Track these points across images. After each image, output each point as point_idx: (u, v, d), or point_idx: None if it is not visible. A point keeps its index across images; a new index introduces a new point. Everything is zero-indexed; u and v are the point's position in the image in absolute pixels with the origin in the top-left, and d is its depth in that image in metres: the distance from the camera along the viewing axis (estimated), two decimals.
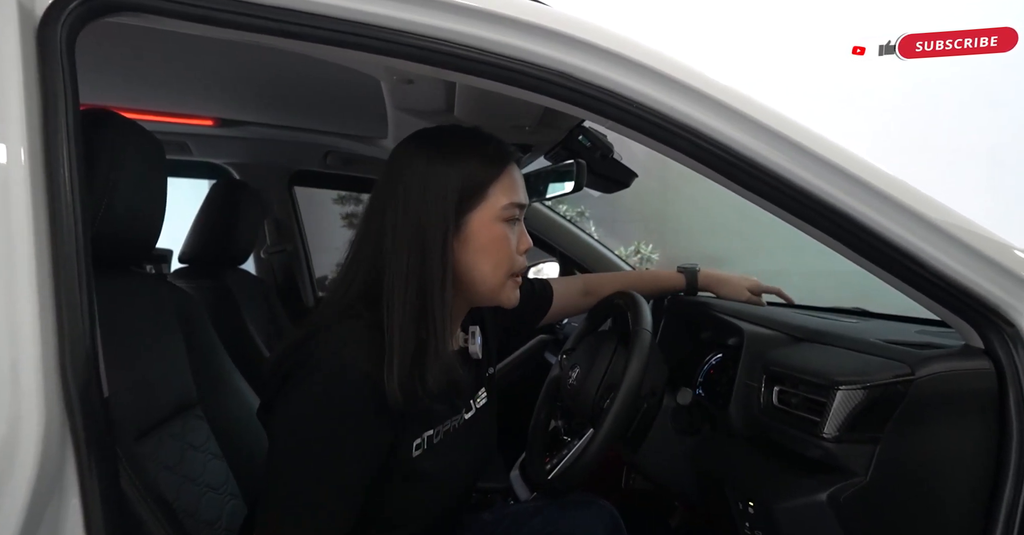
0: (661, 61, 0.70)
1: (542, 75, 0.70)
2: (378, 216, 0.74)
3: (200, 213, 1.56)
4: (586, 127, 1.19)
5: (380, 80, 1.02)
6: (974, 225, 0.66)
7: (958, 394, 0.65)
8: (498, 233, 0.75)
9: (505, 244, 0.76)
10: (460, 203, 0.73)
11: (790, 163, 0.69)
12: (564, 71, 0.71)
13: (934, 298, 0.68)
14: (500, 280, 0.77)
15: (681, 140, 0.71)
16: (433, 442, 0.75)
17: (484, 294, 0.78)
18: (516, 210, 0.77)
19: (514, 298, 0.80)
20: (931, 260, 0.66)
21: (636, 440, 0.93)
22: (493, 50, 0.69)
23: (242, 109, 1.53)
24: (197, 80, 1.31)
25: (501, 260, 0.76)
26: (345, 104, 1.39)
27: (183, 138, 1.65)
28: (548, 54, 0.70)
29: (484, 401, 0.88)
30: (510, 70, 0.70)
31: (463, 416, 0.81)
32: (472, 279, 0.76)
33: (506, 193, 0.76)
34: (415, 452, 0.72)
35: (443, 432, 0.77)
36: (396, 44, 0.68)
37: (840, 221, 0.69)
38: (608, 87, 0.71)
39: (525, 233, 0.80)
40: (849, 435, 0.67)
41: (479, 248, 0.74)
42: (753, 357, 0.86)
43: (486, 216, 0.74)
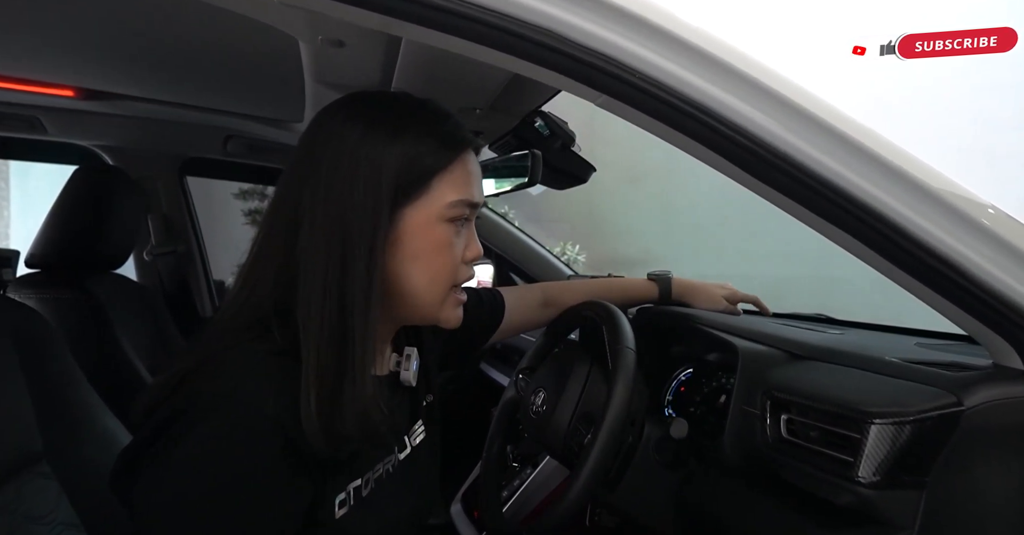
0: (674, 23, 0.56)
1: (518, 30, 0.55)
2: (291, 204, 0.59)
3: (56, 206, 1.25)
4: (546, 112, 1.05)
5: (300, 42, 0.81)
6: (1019, 223, 0.58)
7: (1012, 427, 0.56)
8: (440, 236, 0.62)
9: (447, 251, 0.62)
10: (396, 194, 0.59)
11: (821, 154, 0.57)
12: (549, 28, 0.55)
13: (969, 310, 0.59)
14: (439, 295, 0.64)
15: (693, 121, 0.57)
16: (361, 495, 0.60)
17: (418, 311, 0.65)
18: (466, 210, 0.63)
19: (454, 318, 0.66)
20: (975, 269, 0.57)
21: (616, 479, 0.79)
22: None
23: (115, 78, 1.22)
24: (48, 35, 1.01)
25: (441, 270, 0.62)
26: (253, 77, 1.15)
27: (32, 111, 1.30)
28: (529, 4, 0.54)
29: (422, 436, 0.73)
30: (477, 21, 0.54)
31: (396, 457, 0.67)
32: (404, 291, 0.62)
33: (456, 188, 0.62)
34: (339, 511, 0.57)
35: (373, 480, 0.62)
36: None
37: (870, 220, 0.58)
38: (605, 51, 0.56)
39: (475, 239, 0.66)
40: (890, 479, 0.57)
41: (414, 253, 0.61)
42: (751, 379, 0.75)
43: (427, 214, 0.61)
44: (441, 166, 0.61)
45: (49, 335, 0.84)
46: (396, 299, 0.62)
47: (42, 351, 0.82)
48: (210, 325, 0.60)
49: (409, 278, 0.61)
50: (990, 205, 0.59)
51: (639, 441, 0.80)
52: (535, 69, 0.58)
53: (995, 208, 0.58)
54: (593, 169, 1.15)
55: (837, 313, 1.16)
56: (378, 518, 0.61)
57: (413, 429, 0.72)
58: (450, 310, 0.66)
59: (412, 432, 0.72)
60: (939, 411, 0.56)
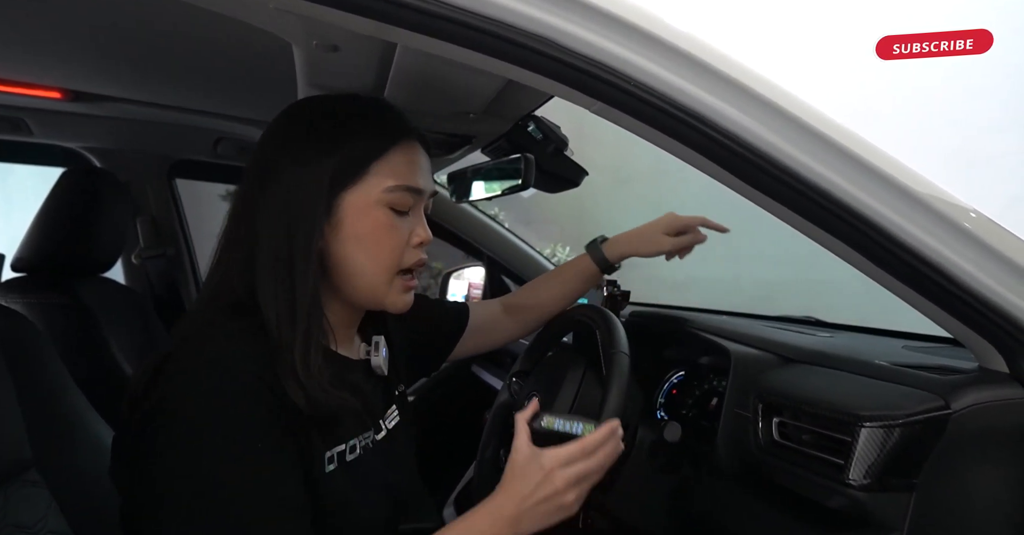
0: (668, 31, 0.57)
1: (513, 37, 0.55)
2: (249, 198, 0.65)
3: (43, 208, 1.23)
4: (539, 117, 1.05)
5: (294, 45, 0.81)
6: (1005, 230, 0.59)
7: (997, 429, 0.57)
8: (379, 220, 0.65)
9: (389, 234, 0.66)
10: (335, 181, 0.64)
11: (814, 161, 0.58)
12: (543, 34, 0.56)
13: (955, 314, 0.61)
14: (382, 278, 0.67)
15: (688, 128, 0.58)
16: (346, 459, 0.65)
17: (365, 293, 0.68)
18: (406, 195, 0.66)
19: (401, 302, 0.70)
20: (959, 273, 0.58)
21: (609, 483, 0.80)
22: (454, 2, 0.53)
23: (103, 80, 1.21)
24: (37, 36, 1.00)
25: (383, 253, 0.66)
26: (245, 80, 1.14)
27: (17, 113, 1.28)
28: (524, 11, 0.54)
29: (396, 421, 0.77)
30: (473, 28, 0.54)
31: (374, 436, 0.71)
32: (349, 273, 0.66)
33: (394, 175, 0.66)
34: (328, 466, 0.62)
35: (358, 448, 0.67)
36: None
37: (859, 225, 0.59)
38: (599, 59, 0.57)
39: (422, 224, 0.70)
40: (880, 482, 0.57)
41: (354, 237, 0.65)
42: (743, 383, 0.76)
43: (366, 199, 0.65)
44: (378, 154, 0.65)
45: (37, 340, 0.83)
46: (344, 281, 0.66)
47: (30, 357, 0.81)
48: (187, 313, 0.65)
49: (353, 260, 0.65)
50: (972, 209, 0.60)
51: (632, 445, 0.81)
52: (531, 76, 0.59)
53: (977, 212, 0.60)
54: (585, 173, 1.15)
55: (826, 314, 1.17)
56: (363, 484, 0.65)
57: (388, 413, 0.76)
58: (397, 294, 0.69)
59: (387, 416, 0.76)
60: (927, 414, 0.57)
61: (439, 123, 1.03)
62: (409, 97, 0.89)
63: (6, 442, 0.73)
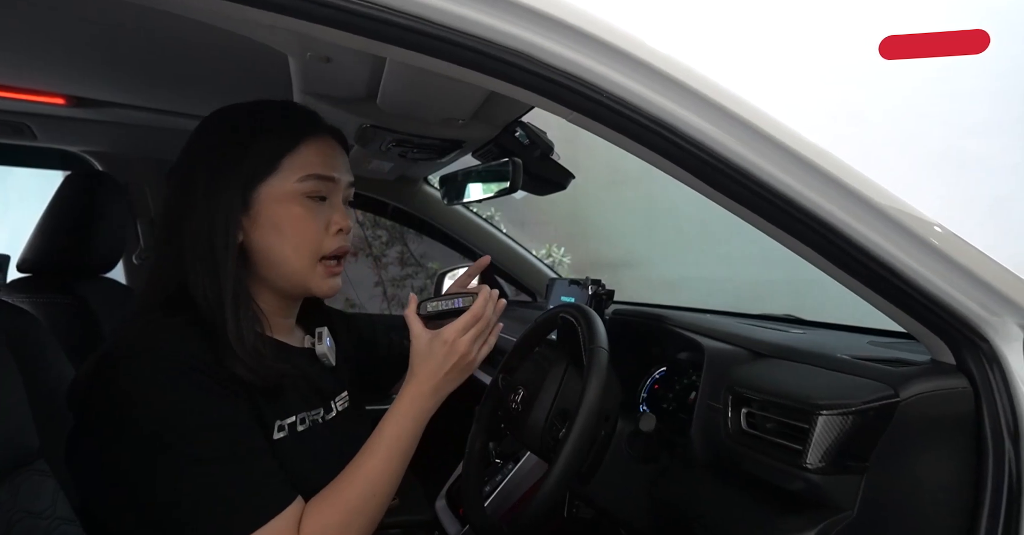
0: (637, 45, 0.61)
1: (494, 53, 0.59)
2: (177, 199, 0.70)
3: (48, 211, 1.26)
4: (525, 123, 1.09)
5: (289, 56, 0.85)
6: (954, 236, 0.63)
7: (941, 416, 0.61)
8: (294, 210, 0.70)
9: (305, 222, 0.71)
10: (248, 177, 0.69)
11: (774, 168, 0.63)
12: (522, 50, 0.60)
13: (906, 310, 0.65)
14: (304, 263, 0.72)
15: (656, 137, 0.62)
16: (296, 430, 0.71)
17: (290, 279, 0.73)
18: (318, 183, 0.71)
19: (326, 286, 0.74)
20: (908, 271, 0.63)
21: (590, 472, 0.84)
22: (439, 20, 0.57)
23: (105, 86, 1.25)
24: (42, 46, 1.04)
25: (302, 241, 0.71)
26: (242, 87, 1.18)
27: (21, 118, 1.33)
28: (502, 28, 0.58)
29: (346, 405, 0.82)
30: (456, 45, 0.58)
31: (324, 415, 0.77)
32: (271, 261, 0.71)
33: (304, 165, 0.71)
34: (277, 433, 0.68)
35: (307, 421, 0.73)
36: (316, 4, 0.54)
37: (818, 227, 0.64)
38: (574, 72, 0.61)
39: (341, 213, 0.74)
40: (834, 465, 0.62)
41: (273, 226, 0.70)
42: (715, 376, 0.80)
43: (280, 190, 0.70)
44: (288, 149, 0.70)
45: (44, 337, 0.87)
46: (268, 269, 0.72)
47: (38, 353, 0.85)
48: (127, 315, 0.71)
49: (273, 248, 0.70)
50: (932, 220, 0.64)
51: (612, 436, 0.85)
52: (511, 88, 0.63)
53: (937, 224, 0.63)
54: (572, 176, 1.20)
55: (814, 313, 1.21)
56: (313, 456, 0.71)
57: (338, 397, 0.81)
58: (320, 279, 0.73)
59: (337, 399, 0.81)
60: (878, 402, 0.61)
61: (430, 128, 1.07)
62: (400, 104, 0.93)
63: (16, 433, 0.76)
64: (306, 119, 0.74)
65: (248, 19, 0.67)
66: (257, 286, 0.73)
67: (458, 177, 1.26)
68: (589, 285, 1.18)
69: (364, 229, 4.12)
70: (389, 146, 1.15)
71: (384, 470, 0.68)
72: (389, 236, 4.16)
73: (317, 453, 0.72)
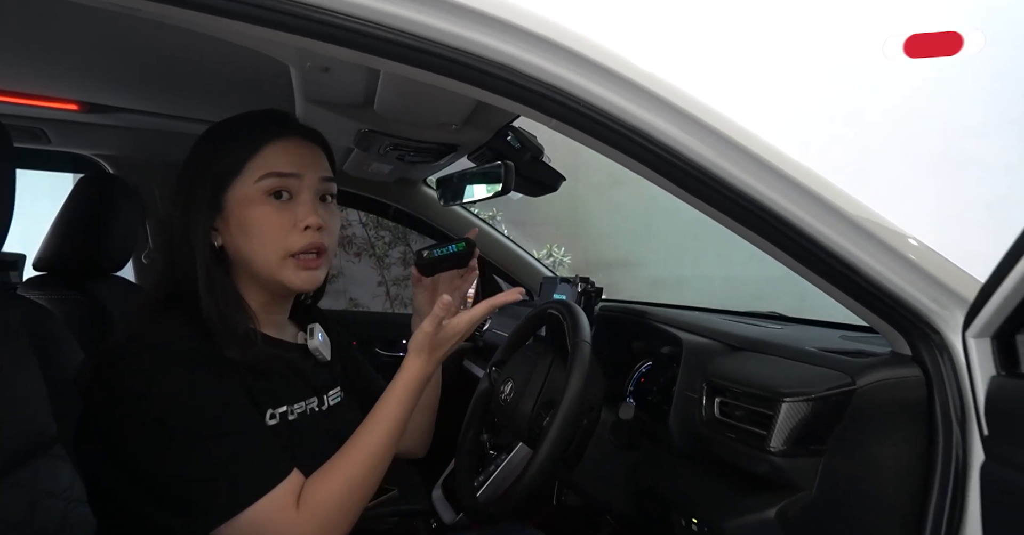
0: (608, 56, 0.66)
1: (480, 66, 0.64)
2: (169, 215, 0.76)
3: (62, 212, 1.32)
4: (516, 127, 1.14)
5: (290, 66, 0.90)
6: (908, 236, 0.68)
7: (894, 403, 0.66)
8: (259, 209, 0.74)
9: (270, 220, 0.74)
10: (216, 184, 0.74)
11: (738, 170, 0.67)
12: (504, 63, 0.64)
13: (866, 304, 0.69)
14: (271, 260, 0.75)
15: (630, 142, 0.67)
16: (288, 419, 0.75)
17: (264, 274, 0.76)
18: (278, 180, 0.74)
19: (299, 280, 0.76)
20: (866, 268, 0.67)
21: (574, 459, 0.89)
22: (426, 35, 0.61)
23: (117, 93, 1.30)
24: (57, 55, 1.09)
25: (268, 237, 0.74)
26: (246, 93, 1.24)
27: (37, 124, 1.38)
28: (487, 43, 0.63)
29: (339, 400, 0.86)
30: (444, 59, 0.63)
31: (316, 407, 0.81)
32: (243, 259, 0.75)
33: (264, 166, 0.74)
34: (269, 421, 0.73)
35: (299, 413, 0.77)
36: (314, 22, 0.58)
37: (783, 228, 0.68)
38: (552, 82, 0.66)
39: (307, 208, 0.75)
40: (795, 449, 0.66)
41: (241, 226, 0.74)
42: (692, 368, 0.85)
43: (243, 192, 0.74)
44: (251, 153, 0.74)
45: (60, 331, 0.92)
46: (244, 266, 0.76)
47: (54, 345, 0.90)
48: (132, 313, 0.76)
49: (242, 247, 0.74)
50: (888, 221, 0.68)
51: (596, 425, 0.90)
52: (496, 97, 0.67)
53: (892, 224, 0.68)
54: (563, 178, 1.24)
55: (815, 311, 1.22)
56: (303, 444, 0.74)
57: (331, 392, 0.85)
58: (291, 272, 0.75)
59: (330, 394, 0.85)
60: (836, 390, 0.66)
61: (425, 133, 1.12)
62: (395, 110, 0.98)
63: (35, 420, 0.82)
64: (273, 123, 0.77)
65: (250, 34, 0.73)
66: (244, 284, 0.77)
67: (454, 179, 1.31)
68: (578, 283, 1.23)
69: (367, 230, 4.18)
70: (387, 149, 1.20)
71: (380, 443, 0.72)
72: (392, 237, 4.21)
73: (307, 441, 0.76)
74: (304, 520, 0.66)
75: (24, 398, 0.81)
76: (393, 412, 0.74)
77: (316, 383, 0.83)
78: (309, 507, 0.67)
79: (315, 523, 0.66)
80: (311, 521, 0.66)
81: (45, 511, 0.78)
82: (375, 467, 0.71)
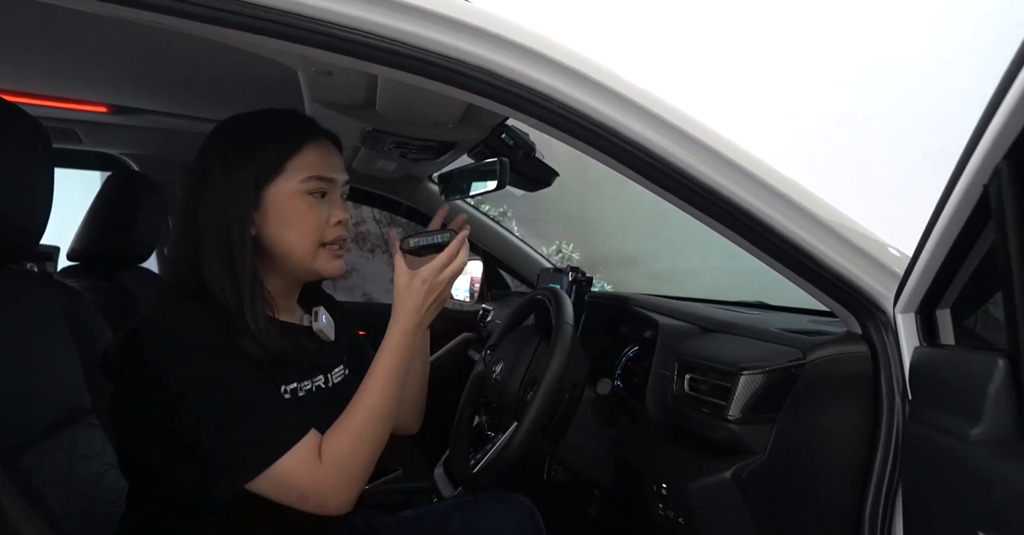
0: (581, 61, 0.73)
1: (464, 71, 0.71)
2: (192, 202, 0.79)
3: (93, 207, 1.42)
4: (509, 126, 1.21)
5: (297, 70, 0.98)
6: (856, 224, 0.74)
7: (841, 376, 0.72)
8: (299, 206, 0.79)
9: (309, 216, 0.80)
10: (257, 179, 0.78)
11: (700, 164, 0.73)
12: (486, 68, 0.71)
13: (821, 288, 0.75)
14: (309, 250, 0.81)
15: (601, 139, 0.74)
16: (298, 395, 0.81)
17: (297, 264, 0.82)
18: (320, 183, 0.81)
19: (332, 267, 0.83)
20: (819, 254, 0.73)
21: (557, 433, 0.95)
22: (415, 44, 0.69)
23: (141, 96, 1.41)
24: (88, 61, 1.19)
25: (306, 231, 0.80)
26: (258, 95, 1.32)
27: (70, 125, 1.49)
28: (471, 50, 0.70)
29: (342, 377, 0.91)
30: (432, 65, 0.70)
31: (322, 384, 0.86)
32: (281, 251, 0.81)
33: (306, 167, 0.80)
34: (285, 396, 0.78)
35: (306, 391, 0.82)
36: (314, 33, 0.66)
37: (742, 218, 0.74)
38: (530, 85, 0.72)
39: (339, 206, 0.83)
40: (750, 416, 0.73)
41: (281, 221, 0.79)
42: (667, 348, 0.91)
43: (285, 189, 0.79)
44: (291, 153, 0.79)
45: (93, 314, 1.01)
46: (278, 258, 0.81)
47: (87, 326, 0.99)
48: (154, 301, 0.82)
49: (282, 239, 0.80)
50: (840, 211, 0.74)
51: (579, 402, 0.96)
52: (481, 99, 0.74)
53: (837, 210, 0.74)
54: (556, 174, 1.31)
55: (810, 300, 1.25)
56: (310, 417, 0.79)
57: (335, 370, 0.91)
58: (325, 262, 0.82)
59: (334, 372, 0.90)
60: (787, 363, 0.72)
61: (424, 131, 1.20)
62: (395, 110, 1.06)
63: (72, 392, 0.91)
64: (306, 125, 0.84)
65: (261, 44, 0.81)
66: (266, 272, 0.83)
67: (453, 175, 1.38)
68: (569, 273, 1.29)
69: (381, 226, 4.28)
70: (390, 147, 1.28)
71: (383, 397, 0.77)
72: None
73: (315, 415, 0.81)
74: (326, 472, 0.72)
75: (63, 373, 0.90)
76: (387, 364, 0.78)
77: (321, 362, 0.89)
78: (328, 460, 0.73)
79: (336, 475, 0.72)
80: (333, 474, 0.72)
81: (82, 472, 0.88)
82: (378, 419, 0.77)
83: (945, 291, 0.62)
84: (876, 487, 0.68)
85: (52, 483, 0.81)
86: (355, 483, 0.75)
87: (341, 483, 0.73)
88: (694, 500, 0.75)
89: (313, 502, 0.72)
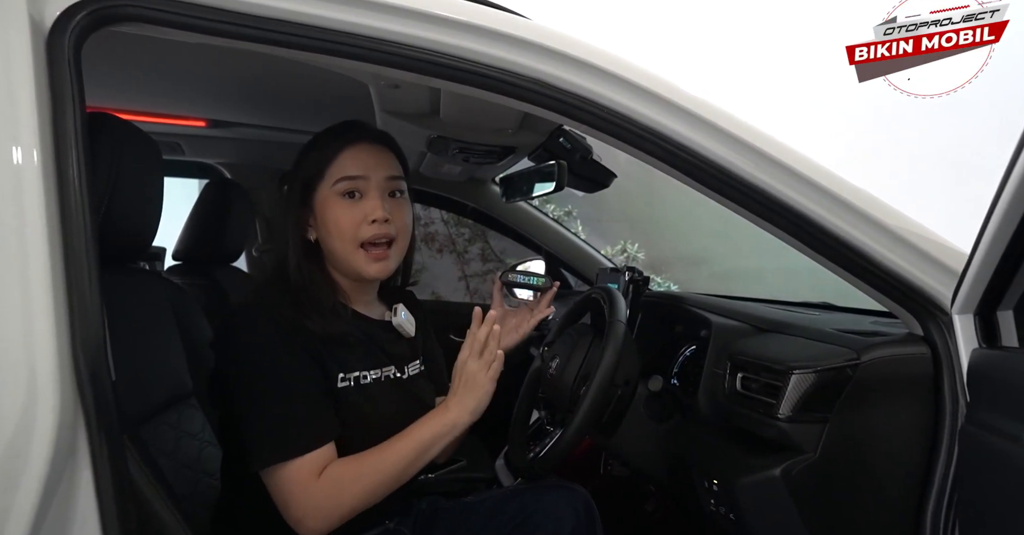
0: (629, 70, 0.75)
1: (519, 82, 0.76)
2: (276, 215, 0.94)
3: (193, 212, 1.59)
4: (566, 130, 1.25)
5: (368, 84, 1.07)
6: (917, 225, 0.72)
7: (898, 377, 0.71)
8: (334, 208, 0.86)
9: (343, 216, 0.86)
10: (304, 188, 0.87)
11: (755, 169, 0.74)
12: (539, 79, 0.76)
13: (881, 290, 0.74)
14: (348, 250, 0.86)
15: (650, 144, 0.76)
16: (360, 383, 0.86)
17: (344, 264, 0.88)
18: (348, 182, 0.86)
19: (372, 270, 0.87)
20: (880, 257, 0.72)
21: (610, 427, 0.98)
22: (474, 59, 0.74)
23: (232, 111, 1.56)
24: (189, 83, 1.34)
25: (343, 231, 0.85)
26: (334, 107, 1.44)
27: (175, 139, 1.68)
28: (524, 63, 0.75)
29: (417, 371, 0.98)
30: (489, 77, 0.75)
31: (392, 373, 0.92)
32: (329, 251, 0.88)
33: (338, 170, 0.86)
34: (340, 383, 0.84)
35: (373, 379, 0.88)
36: (382, 52, 0.72)
37: (800, 223, 0.74)
38: (581, 94, 0.76)
39: (374, 203, 0.86)
40: (801, 415, 0.73)
41: (324, 223, 0.87)
42: (720, 347, 0.92)
43: (325, 194, 0.86)
44: (329, 161, 0.86)
45: (193, 307, 1.15)
46: (331, 258, 0.89)
47: (189, 320, 1.12)
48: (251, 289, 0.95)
49: (329, 241, 0.87)
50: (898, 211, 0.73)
51: (632, 397, 0.99)
52: (533, 108, 0.79)
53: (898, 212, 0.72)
54: (614, 175, 1.34)
55: None
56: (373, 406, 0.86)
57: (411, 363, 0.97)
58: (362, 263, 0.87)
59: (410, 365, 0.96)
60: (841, 364, 0.72)
61: (485, 137, 1.26)
62: (456, 118, 1.12)
63: (177, 375, 1.04)
64: (348, 132, 0.89)
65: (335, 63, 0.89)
66: (334, 271, 0.92)
67: (514, 178, 1.43)
68: (625, 272, 1.31)
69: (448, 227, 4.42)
70: (454, 152, 1.35)
71: (403, 459, 0.81)
72: (471, 233, 4.40)
73: (377, 403, 0.87)
74: (318, 489, 0.76)
75: (170, 357, 1.03)
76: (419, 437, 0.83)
77: (394, 354, 0.95)
78: (325, 480, 0.77)
79: (323, 497, 0.76)
80: (321, 495, 0.76)
81: (186, 446, 1.00)
82: (388, 472, 0.81)
83: (1006, 291, 0.60)
84: (939, 490, 0.67)
85: (164, 454, 0.93)
86: (334, 512, 0.77)
87: (325, 505, 0.77)
88: (742, 496, 0.76)
89: (292, 514, 0.77)
